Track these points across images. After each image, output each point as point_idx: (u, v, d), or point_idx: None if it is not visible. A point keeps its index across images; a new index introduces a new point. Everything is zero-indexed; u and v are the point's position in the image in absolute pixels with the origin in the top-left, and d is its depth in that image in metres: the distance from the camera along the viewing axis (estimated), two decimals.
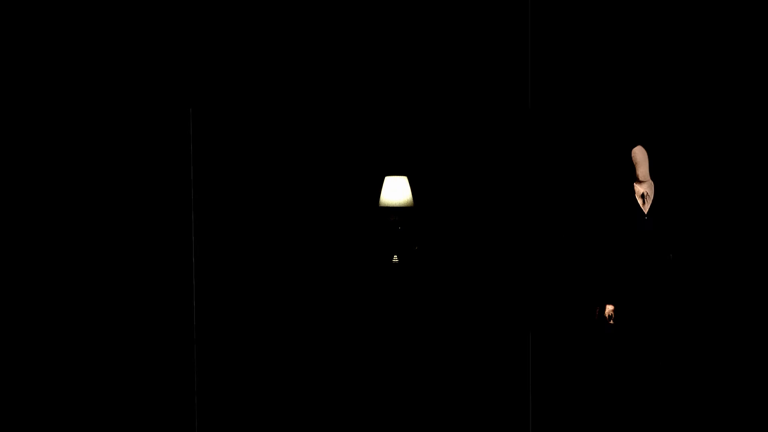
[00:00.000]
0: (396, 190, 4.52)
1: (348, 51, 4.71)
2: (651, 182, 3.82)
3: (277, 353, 4.38)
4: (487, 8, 4.63)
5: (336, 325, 4.56)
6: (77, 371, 4.02)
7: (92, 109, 4.23)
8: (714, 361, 3.97)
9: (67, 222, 4.13)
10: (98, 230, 4.17)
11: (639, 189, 3.74)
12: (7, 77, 4.07)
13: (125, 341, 4.14)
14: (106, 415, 3.82)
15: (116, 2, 4.25)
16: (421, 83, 4.74)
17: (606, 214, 3.84)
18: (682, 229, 3.85)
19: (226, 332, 4.46)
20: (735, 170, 4.25)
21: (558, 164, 4.61)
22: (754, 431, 3.68)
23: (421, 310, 4.57)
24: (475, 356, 4.25)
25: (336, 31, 4.68)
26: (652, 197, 3.75)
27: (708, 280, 4.00)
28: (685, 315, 3.88)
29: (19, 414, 3.76)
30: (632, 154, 3.82)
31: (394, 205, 4.51)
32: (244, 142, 4.71)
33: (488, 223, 4.72)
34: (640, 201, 3.74)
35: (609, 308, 3.69)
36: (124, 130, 4.29)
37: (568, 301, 4.22)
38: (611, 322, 3.67)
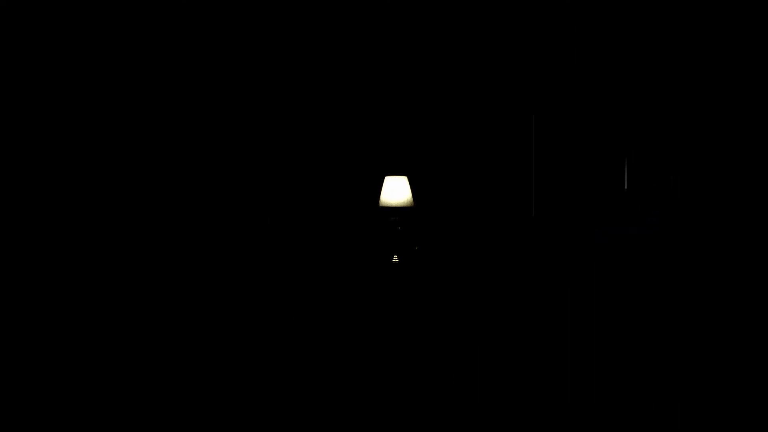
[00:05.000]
0: (396, 190, 4.52)
1: (349, 51, 4.72)
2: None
3: (277, 352, 4.37)
4: (486, 9, 4.64)
5: (336, 325, 4.56)
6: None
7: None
8: (715, 361, 3.97)
9: None
10: None
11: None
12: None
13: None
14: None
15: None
16: (421, 83, 4.75)
17: (605, 214, 3.85)
18: (682, 230, 3.85)
19: (224, 331, 4.46)
20: (735, 170, 4.26)
21: (557, 165, 4.61)
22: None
23: (421, 310, 4.57)
24: (474, 356, 4.24)
25: (337, 31, 4.69)
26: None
27: (708, 279, 3.99)
28: (687, 314, 3.88)
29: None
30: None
31: (394, 205, 4.52)
32: (241, 140, 4.72)
33: (488, 223, 4.73)
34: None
35: None
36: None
37: (567, 301, 4.22)
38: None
